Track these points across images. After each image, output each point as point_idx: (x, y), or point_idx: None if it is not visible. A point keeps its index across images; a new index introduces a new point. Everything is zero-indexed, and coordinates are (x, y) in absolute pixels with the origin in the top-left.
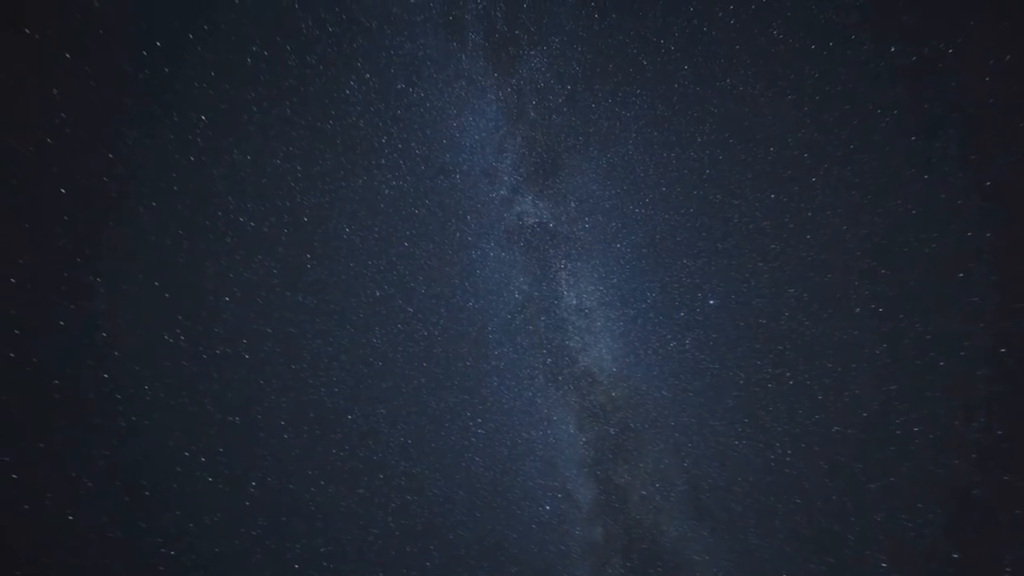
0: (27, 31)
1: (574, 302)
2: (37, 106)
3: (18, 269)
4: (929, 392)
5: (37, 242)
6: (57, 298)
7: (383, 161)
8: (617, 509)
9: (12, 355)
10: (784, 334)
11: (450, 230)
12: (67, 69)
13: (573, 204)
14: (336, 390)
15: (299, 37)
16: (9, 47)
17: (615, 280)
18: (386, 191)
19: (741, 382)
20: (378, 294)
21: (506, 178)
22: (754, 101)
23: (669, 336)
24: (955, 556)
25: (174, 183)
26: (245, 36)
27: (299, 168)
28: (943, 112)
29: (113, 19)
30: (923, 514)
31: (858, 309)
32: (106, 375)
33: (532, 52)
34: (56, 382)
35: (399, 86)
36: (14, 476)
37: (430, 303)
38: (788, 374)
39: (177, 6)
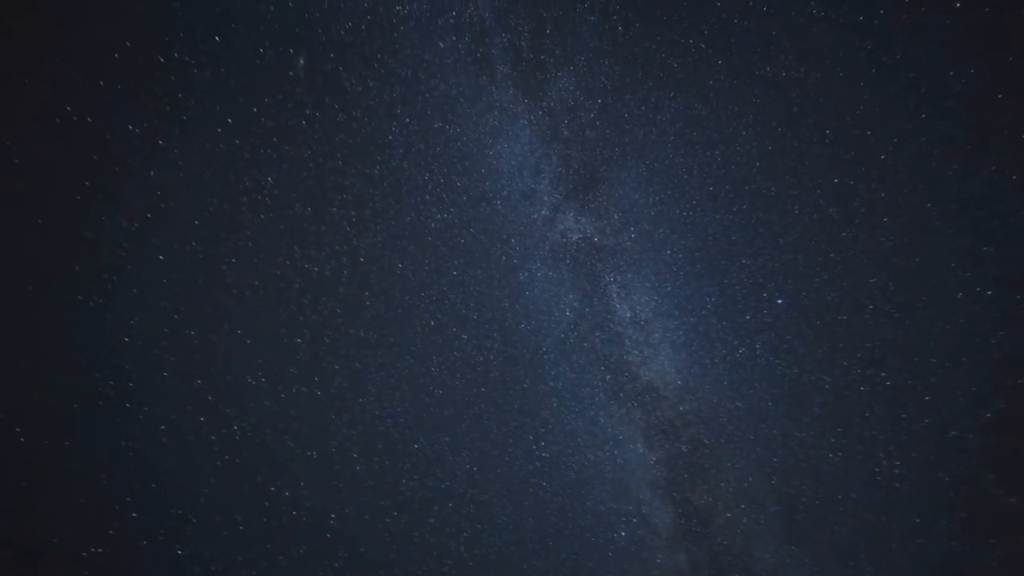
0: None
1: (628, 315)
2: (136, 186)
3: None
4: None
5: (138, 302)
6: (162, 353)
7: (427, 196)
8: (700, 534)
9: (128, 406)
10: (871, 330)
11: (496, 255)
12: (169, 158)
13: (616, 216)
14: (401, 420)
15: (345, 95)
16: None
17: (669, 288)
18: (432, 224)
19: (827, 387)
20: (433, 324)
21: (546, 198)
22: (800, 85)
23: (736, 342)
24: None
25: (249, 239)
26: (301, 102)
27: (353, 213)
28: None
29: (196, 112)
30: None
31: (960, 294)
32: (202, 418)
33: (559, 74)
34: (162, 427)
35: (436, 125)
36: (134, 515)
37: (483, 328)
38: (883, 374)
39: (246, 83)
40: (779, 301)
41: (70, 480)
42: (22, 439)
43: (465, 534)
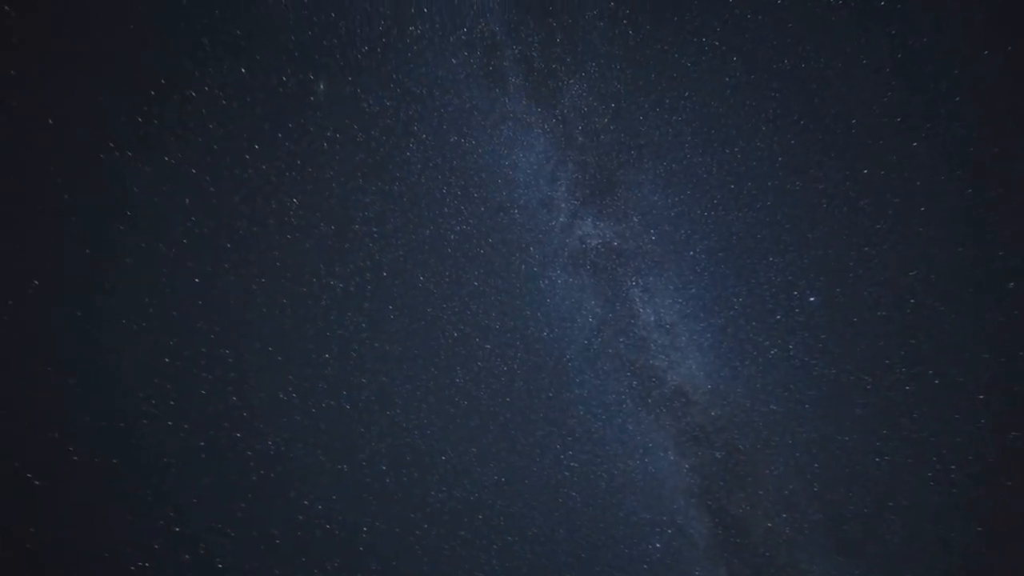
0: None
1: (652, 319)
2: (172, 214)
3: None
4: None
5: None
6: (200, 372)
7: (446, 209)
8: (740, 545)
9: (170, 423)
10: (915, 325)
11: (516, 264)
12: (201, 185)
13: (635, 218)
14: (428, 432)
15: (363, 116)
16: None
17: (694, 290)
18: (452, 236)
19: (869, 387)
20: (456, 335)
21: (563, 205)
22: (821, 76)
23: (768, 343)
24: None
25: (277, 260)
26: (322, 125)
27: (375, 229)
28: None
29: (224, 140)
30: None
31: (1011, 283)
32: (238, 434)
33: (571, 81)
34: (201, 443)
35: (452, 139)
36: (176, 530)
37: (505, 337)
38: (930, 372)
39: (271, 110)
40: (811, 299)
41: (116, 497)
42: (74, 458)
43: (496, 546)
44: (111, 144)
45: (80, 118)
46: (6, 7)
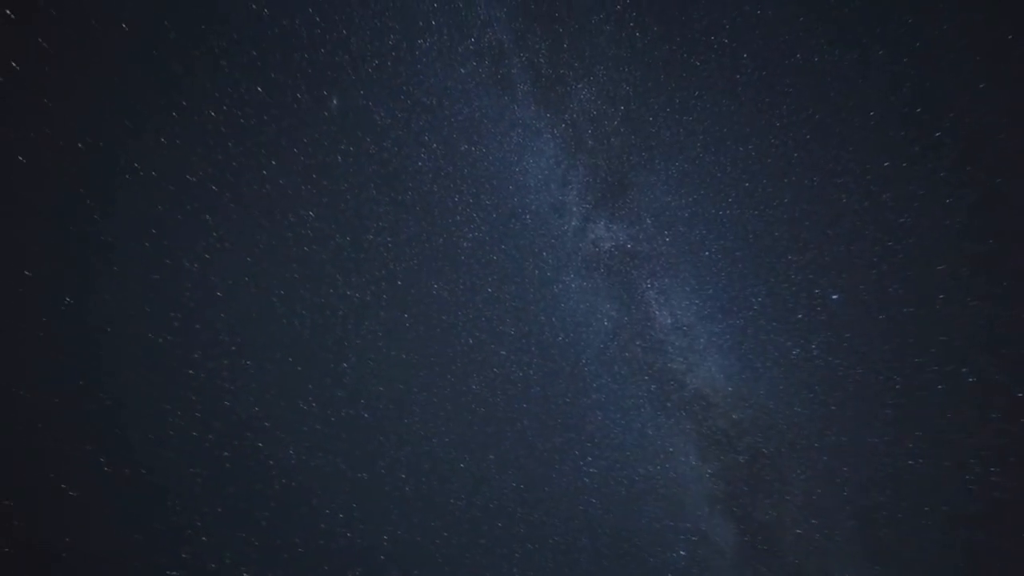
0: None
1: (669, 321)
2: (195, 229)
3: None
4: None
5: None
6: (224, 383)
7: (458, 217)
8: (768, 552)
9: (195, 434)
10: (945, 321)
11: (529, 269)
12: (221, 202)
13: (649, 220)
14: (446, 439)
15: (375, 128)
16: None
17: (711, 291)
18: (465, 244)
19: (898, 387)
20: (471, 341)
21: (575, 209)
22: (836, 69)
23: (790, 343)
24: None
25: (295, 271)
26: (336, 139)
27: (389, 239)
28: None
29: (244, 158)
30: None
31: None
32: (260, 444)
33: (579, 85)
34: (226, 453)
35: (463, 147)
36: (204, 539)
37: (520, 343)
38: (964, 370)
39: (287, 127)
40: (833, 297)
41: (146, 506)
42: (106, 469)
43: (517, 554)
44: (136, 165)
45: (108, 141)
46: (45, 44)
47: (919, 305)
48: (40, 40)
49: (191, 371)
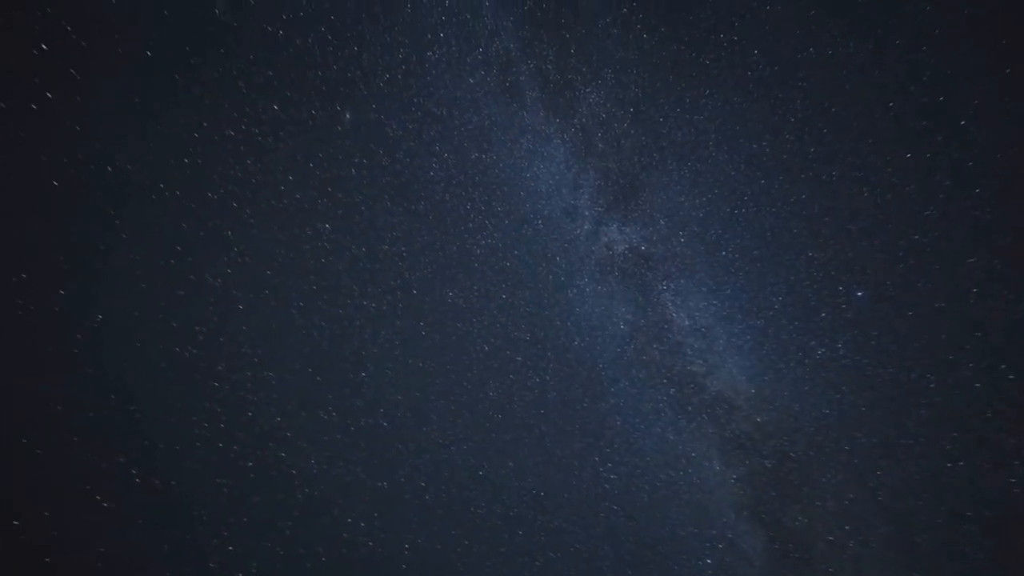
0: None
1: (687, 323)
2: (217, 246)
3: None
4: None
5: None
6: (247, 395)
7: (471, 225)
8: (800, 561)
9: (221, 446)
10: (980, 317)
11: (542, 274)
12: (241, 217)
13: (662, 221)
14: (464, 447)
15: (387, 140)
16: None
17: (729, 291)
18: (478, 251)
19: (932, 386)
20: (486, 348)
21: (587, 212)
22: (851, 61)
23: (814, 343)
24: None
25: (313, 284)
26: (349, 152)
27: (403, 249)
28: None
29: (262, 175)
30: None
31: None
32: (283, 454)
33: (588, 89)
34: (250, 463)
35: (473, 156)
36: (230, 549)
37: (536, 349)
38: (1003, 367)
39: (302, 142)
40: (858, 294)
41: (173, 517)
42: (136, 480)
43: (538, 563)
44: (161, 185)
45: (136, 165)
46: (75, 73)
47: (951, 300)
48: (71, 70)
49: (216, 383)
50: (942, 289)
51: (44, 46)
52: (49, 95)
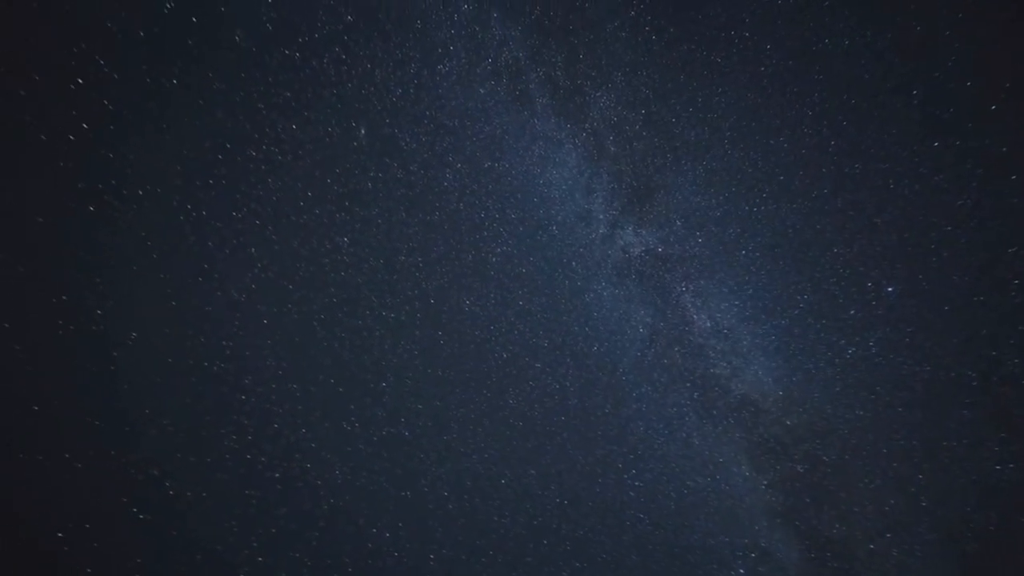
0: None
1: (708, 324)
2: (240, 262)
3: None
4: None
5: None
6: (272, 407)
7: (486, 233)
8: (839, 571)
9: (249, 457)
10: (1022, 309)
11: (559, 280)
12: (264, 234)
13: (679, 222)
14: (486, 455)
15: (401, 153)
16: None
17: (751, 291)
18: (493, 259)
19: (974, 384)
20: (505, 356)
21: (602, 216)
22: (870, 50)
23: (844, 342)
24: None
25: (333, 296)
26: (365, 166)
27: (420, 259)
28: None
29: (282, 192)
30: None
31: None
32: (308, 465)
33: (598, 94)
34: (277, 475)
35: (486, 165)
36: (260, 559)
37: (554, 355)
38: None
39: (320, 159)
40: (889, 289)
41: (205, 528)
42: (171, 492)
43: (565, 573)
44: (189, 206)
45: (166, 189)
46: (106, 103)
47: (990, 293)
48: (105, 101)
49: (243, 396)
50: (980, 281)
51: (80, 80)
52: (85, 126)
